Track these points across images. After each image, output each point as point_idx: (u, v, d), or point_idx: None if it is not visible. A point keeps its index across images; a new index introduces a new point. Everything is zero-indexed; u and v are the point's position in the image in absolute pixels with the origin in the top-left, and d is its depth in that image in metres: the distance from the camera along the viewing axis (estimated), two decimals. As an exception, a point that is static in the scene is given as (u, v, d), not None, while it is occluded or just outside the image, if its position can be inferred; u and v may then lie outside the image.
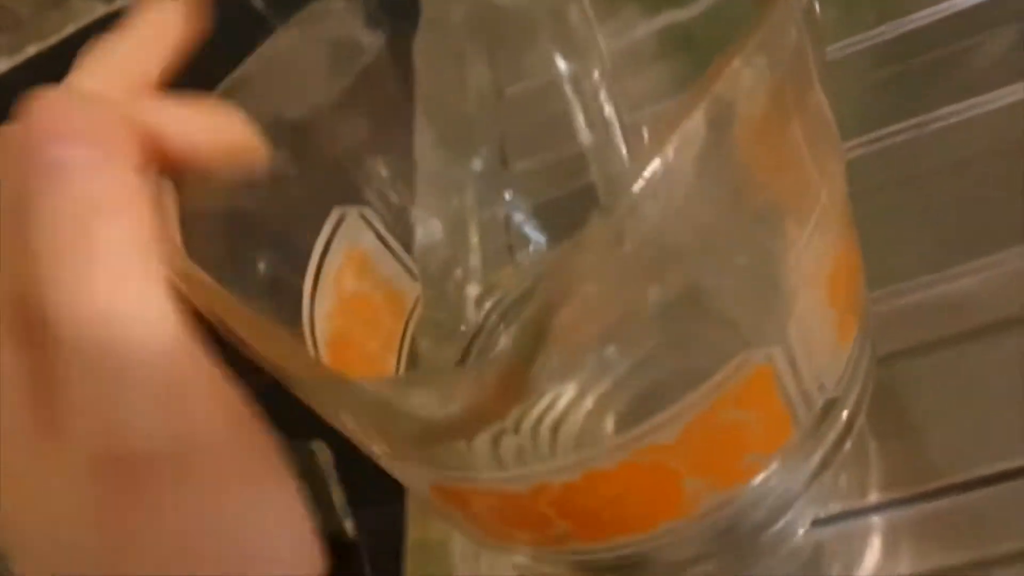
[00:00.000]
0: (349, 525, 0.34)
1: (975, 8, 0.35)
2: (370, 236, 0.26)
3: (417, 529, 0.31)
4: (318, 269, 0.24)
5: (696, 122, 0.13)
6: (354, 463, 0.35)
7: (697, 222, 0.15)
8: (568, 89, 0.29)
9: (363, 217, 0.26)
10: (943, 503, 0.26)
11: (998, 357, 0.27)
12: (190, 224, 0.19)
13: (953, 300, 0.29)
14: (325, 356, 0.23)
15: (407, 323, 0.27)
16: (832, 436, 0.21)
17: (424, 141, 0.27)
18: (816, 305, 0.18)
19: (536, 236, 0.30)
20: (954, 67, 0.34)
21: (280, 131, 0.23)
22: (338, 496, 0.35)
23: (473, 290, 0.29)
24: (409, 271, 0.27)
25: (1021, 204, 0.30)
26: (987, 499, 0.26)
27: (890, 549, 0.26)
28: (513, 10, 0.26)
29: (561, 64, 0.27)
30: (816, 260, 0.18)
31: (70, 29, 0.67)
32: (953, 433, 0.27)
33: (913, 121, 0.33)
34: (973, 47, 0.34)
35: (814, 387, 0.19)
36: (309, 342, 0.22)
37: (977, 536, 0.25)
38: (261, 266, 0.22)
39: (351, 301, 0.25)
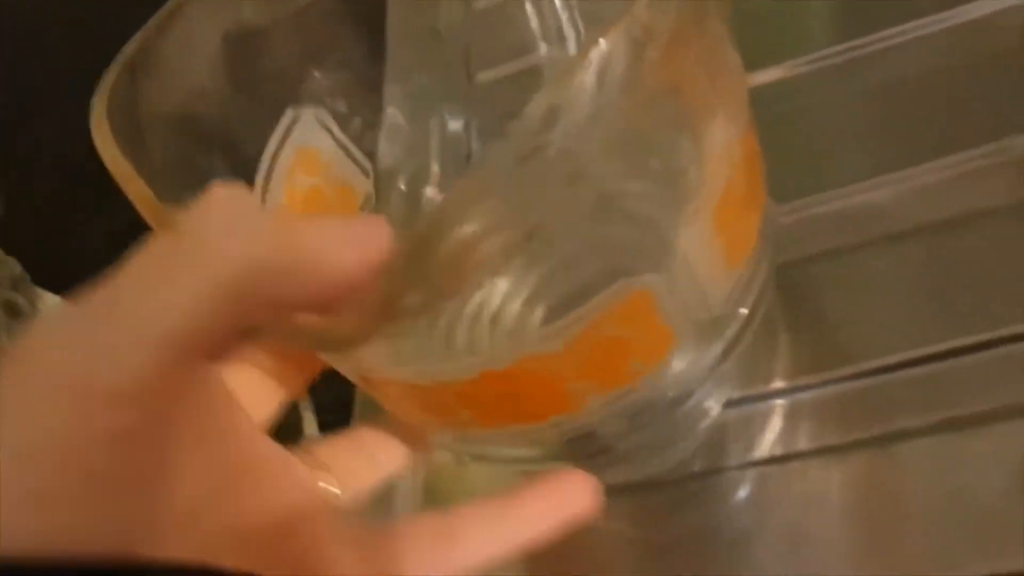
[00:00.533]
0: (305, 403, 0.37)
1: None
2: (324, 135, 0.28)
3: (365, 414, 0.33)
4: (270, 166, 0.25)
5: (613, 41, 0.15)
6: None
7: (602, 135, 0.17)
8: (528, 4, 0.31)
9: (317, 118, 0.27)
10: (843, 387, 0.29)
11: (901, 262, 0.30)
12: (148, 127, 0.21)
13: (865, 210, 0.31)
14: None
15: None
16: (721, 344, 0.23)
17: (393, 55, 0.28)
18: (701, 237, 0.20)
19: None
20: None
21: (239, 36, 0.24)
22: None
23: (430, 192, 0.31)
24: (363, 170, 0.29)
25: (938, 124, 0.32)
26: (883, 384, 0.29)
27: (791, 428, 0.29)
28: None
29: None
30: (704, 197, 0.20)
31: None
32: (856, 328, 0.30)
33: (851, 43, 0.35)
34: None
35: (698, 308, 0.21)
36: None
37: (873, 417, 0.28)
38: (217, 166, 0.24)
39: (303, 196, 0.27)
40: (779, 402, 0.30)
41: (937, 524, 0.26)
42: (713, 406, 0.28)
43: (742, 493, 0.29)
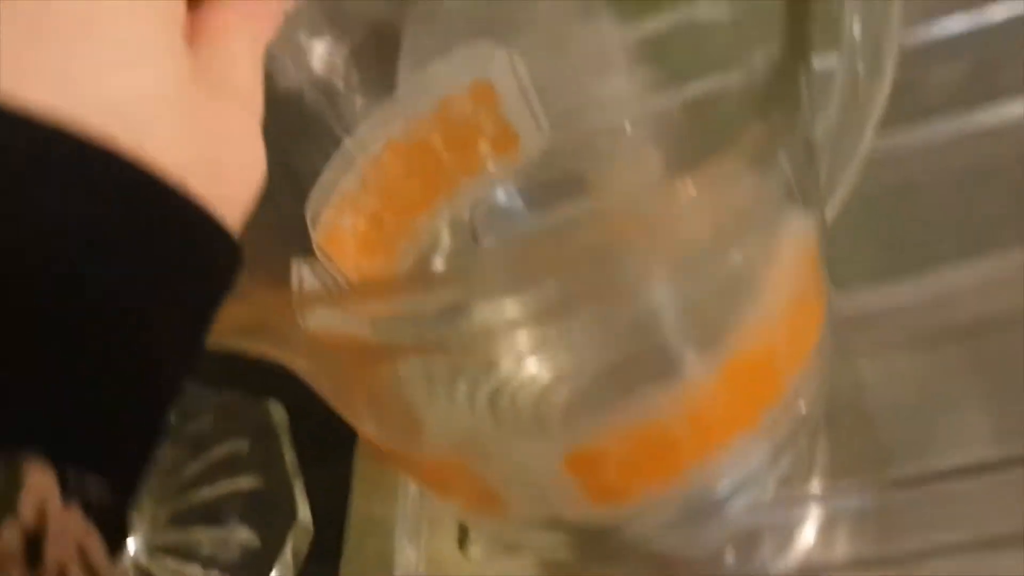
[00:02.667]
0: (299, 484, 0.35)
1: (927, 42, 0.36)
2: (509, 76, 0.26)
3: (362, 504, 0.32)
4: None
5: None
6: (306, 424, 0.36)
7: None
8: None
9: (510, 58, 0.26)
10: (881, 495, 0.27)
11: (953, 362, 0.29)
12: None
13: (913, 305, 0.30)
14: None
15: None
16: (774, 442, 0.22)
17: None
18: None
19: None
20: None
21: None
22: (289, 455, 0.36)
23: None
24: (537, 124, 0.27)
25: (961, 222, 0.32)
26: (928, 495, 0.27)
27: (825, 537, 0.28)
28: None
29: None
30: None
31: None
32: (899, 429, 0.28)
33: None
34: (921, 78, 0.36)
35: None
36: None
37: (911, 528, 0.26)
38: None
39: (447, 115, 0.26)
40: (815, 506, 0.28)
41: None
42: (751, 504, 0.26)
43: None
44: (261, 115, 0.15)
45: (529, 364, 0.23)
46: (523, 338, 0.16)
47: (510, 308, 0.15)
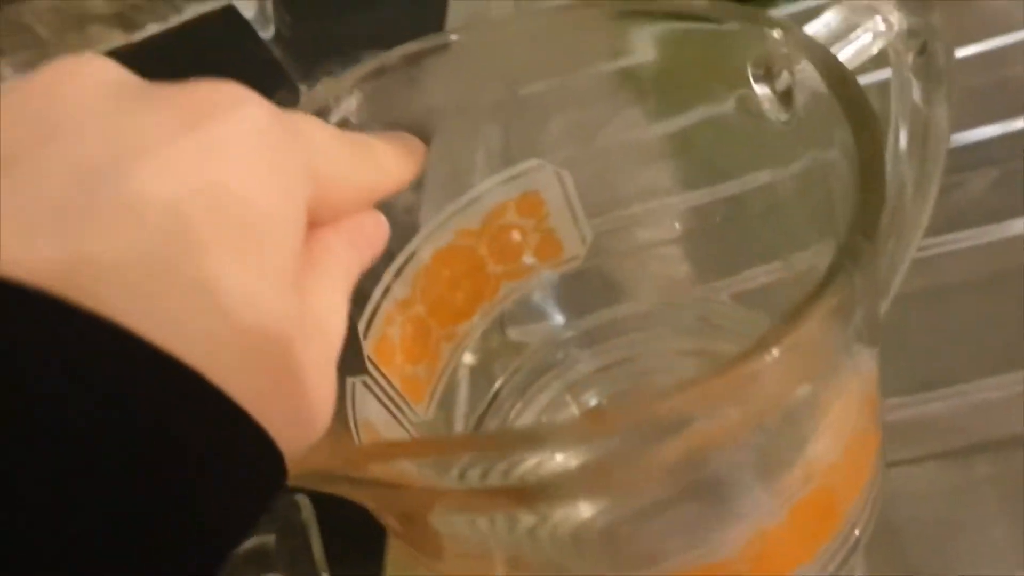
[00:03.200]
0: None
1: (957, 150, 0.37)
2: (557, 188, 0.27)
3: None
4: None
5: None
6: (335, 518, 0.35)
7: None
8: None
9: (557, 173, 0.27)
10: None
11: (982, 477, 0.28)
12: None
13: (945, 417, 0.30)
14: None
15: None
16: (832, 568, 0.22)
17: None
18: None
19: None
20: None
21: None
22: (318, 550, 0.35)
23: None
24: (581, 235, 0.28)
25: (989, 339, 0.31)
26: None
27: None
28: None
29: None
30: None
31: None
32: (930, 543, 0.28)
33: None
34: (953, 185, 0.36)
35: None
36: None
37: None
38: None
39: (499, 226, 0.26)
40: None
41: None
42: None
43: None
44: (340, 348, 0.16)
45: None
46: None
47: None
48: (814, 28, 0.21)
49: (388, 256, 0.25)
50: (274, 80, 0.58)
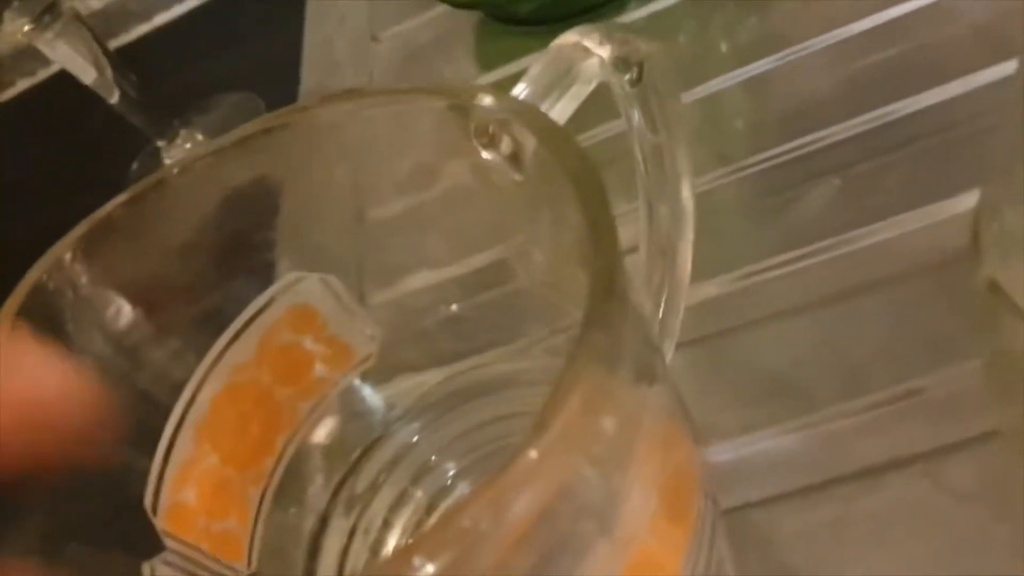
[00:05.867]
0: None
1: (796, 160, 0.36)
2: (329, 298, 0.26)
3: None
4: (249, 320, 0.24)
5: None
6: None
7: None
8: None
9: (323, 282, 0.26)
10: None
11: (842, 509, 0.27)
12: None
13: (781, 458, 0.29)
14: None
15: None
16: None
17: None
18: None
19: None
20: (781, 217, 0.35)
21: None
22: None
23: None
24: (370, 335, 0.27)
25: (838, 363, 0.30)
26: None
27: None
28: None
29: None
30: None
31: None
32: None
33: (740, 272, 0.33)
34: (790, 200, 0.35)
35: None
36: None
37: None
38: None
39: (279, 348, 0.25)
40: None
41: None
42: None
43: None
44: None
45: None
46: None
47: None
48: (526, 82, 0.21)
49: (162, 415, 0.23)
50: (133, 140, 0.57)
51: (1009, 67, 0.34)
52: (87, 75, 0.49)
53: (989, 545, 0.25)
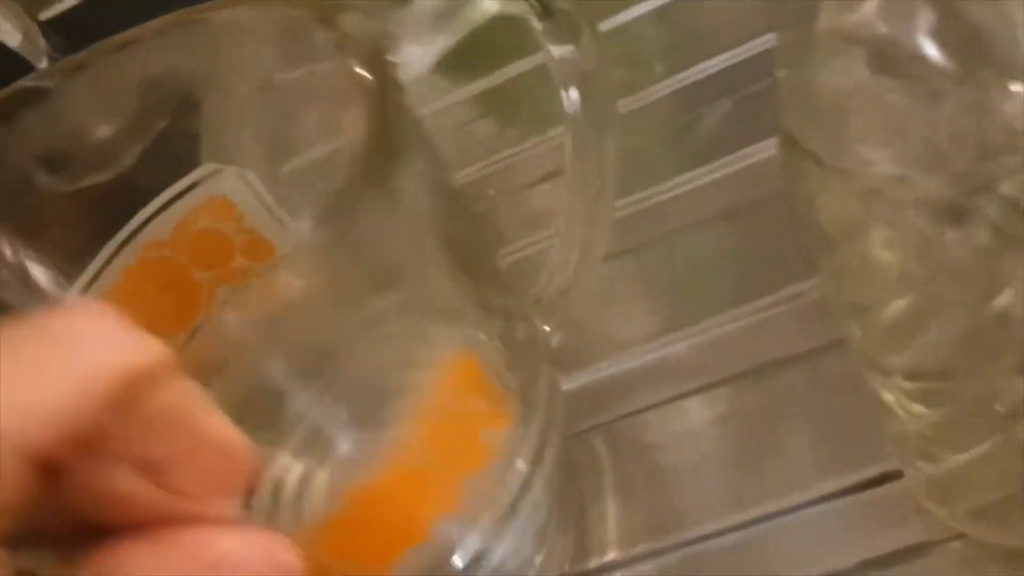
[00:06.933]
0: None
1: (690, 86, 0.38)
2: (246, 191, 0.27)
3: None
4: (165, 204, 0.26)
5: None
6: None
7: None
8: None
9: (241, 176, 0.27)
10: (668, 558, 0.27)
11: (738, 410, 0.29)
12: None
13: (662, 367, 0.31)
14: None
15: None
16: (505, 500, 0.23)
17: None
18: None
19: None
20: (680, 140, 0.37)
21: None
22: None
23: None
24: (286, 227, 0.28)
25: (730, 272, 0.33)
26: (703, 552, 0.27)
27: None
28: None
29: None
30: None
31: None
32: (673, 493, 0.28)
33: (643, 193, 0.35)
34: (688, 124, 0.37)
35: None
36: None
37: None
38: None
39: (196, 233, 0.27)
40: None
41: None
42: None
43: None
44: None
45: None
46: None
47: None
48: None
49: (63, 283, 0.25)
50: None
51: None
52: (12, 38, 0.50)
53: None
